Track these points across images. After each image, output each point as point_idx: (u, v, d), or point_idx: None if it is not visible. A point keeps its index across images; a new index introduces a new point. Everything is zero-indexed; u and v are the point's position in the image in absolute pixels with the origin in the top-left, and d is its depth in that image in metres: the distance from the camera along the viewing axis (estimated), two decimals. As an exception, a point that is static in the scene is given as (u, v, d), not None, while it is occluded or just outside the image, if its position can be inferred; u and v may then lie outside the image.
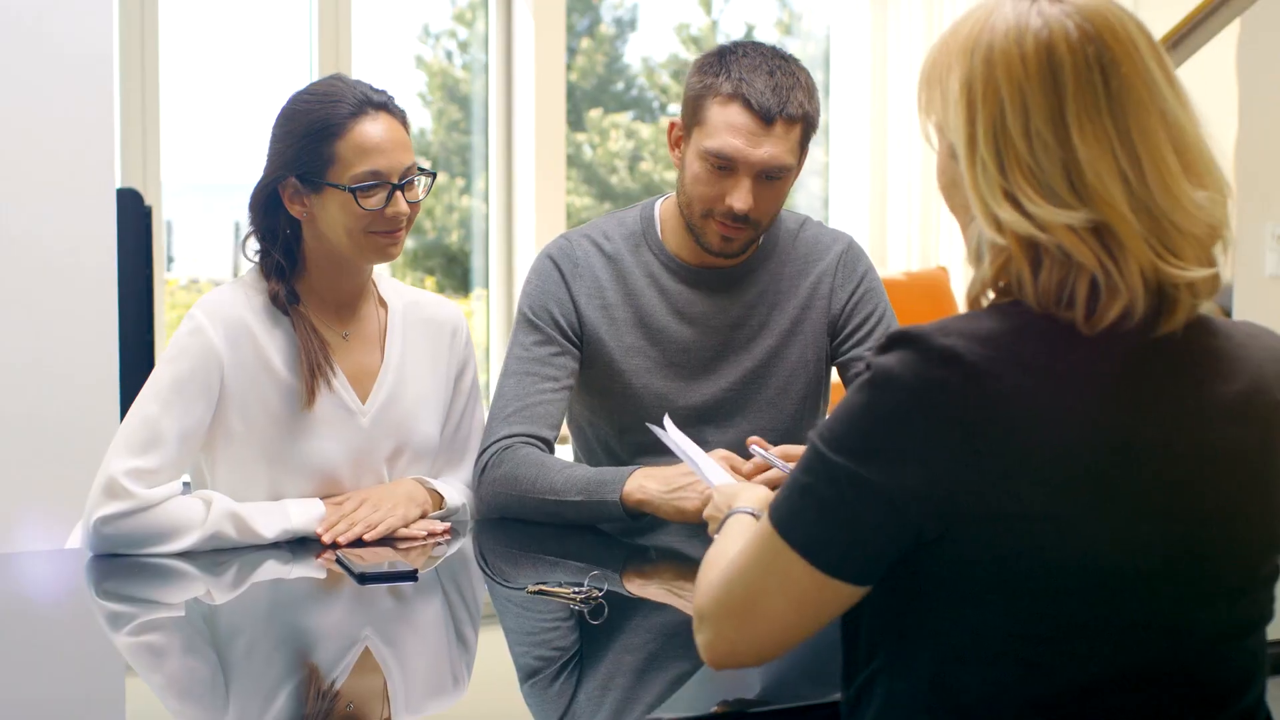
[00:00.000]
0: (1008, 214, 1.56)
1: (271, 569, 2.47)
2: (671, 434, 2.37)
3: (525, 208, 8.02)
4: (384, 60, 7.16)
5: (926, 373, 1.53)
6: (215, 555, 2.51)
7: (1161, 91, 1.58)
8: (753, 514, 1.89)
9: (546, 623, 2.19)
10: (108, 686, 2.00)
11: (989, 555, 1.54)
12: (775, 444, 2.82)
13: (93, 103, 3.56)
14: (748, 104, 2.69)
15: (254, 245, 2.65)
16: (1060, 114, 1.55)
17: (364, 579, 2.34)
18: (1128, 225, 1.54)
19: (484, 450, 2.75)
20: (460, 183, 8.69)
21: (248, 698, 1.89)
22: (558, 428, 2.82)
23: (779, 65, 2.73)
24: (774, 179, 2.73)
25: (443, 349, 2.79)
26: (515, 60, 7.59)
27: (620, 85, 8.82)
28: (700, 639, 1.69)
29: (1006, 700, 1.57)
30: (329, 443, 2.63)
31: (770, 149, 2.70)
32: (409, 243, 8.56)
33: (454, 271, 8.75)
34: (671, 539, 2.63)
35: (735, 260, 2.85)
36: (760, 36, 9.58)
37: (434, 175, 2.65)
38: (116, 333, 3.54)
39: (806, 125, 2.73)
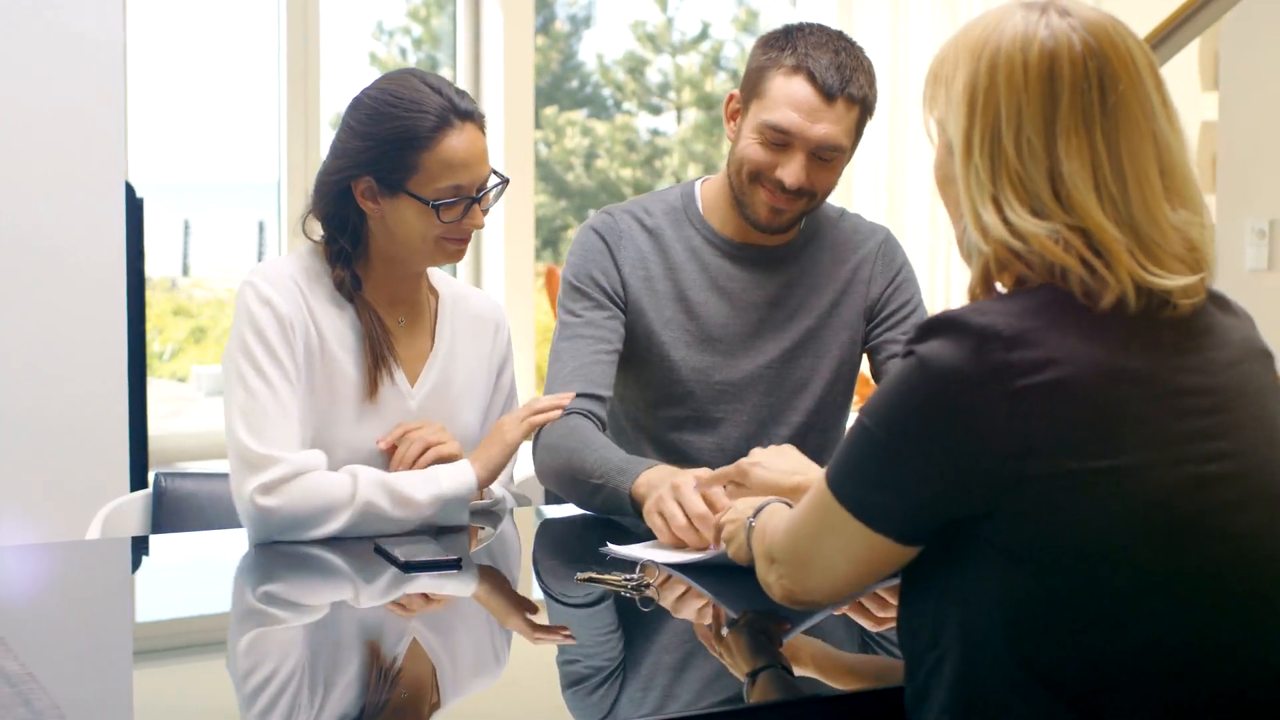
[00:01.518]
0: (992, 219, 1.63)
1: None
2: (623, 552, 2.39)
3: (494, 208, 7.98)
4: (341, 57, 7.10)
5: (971, 351, 1.58)
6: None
7: (1155, 112, 1.65)
8: (786, 504, 1.99)
9: (597, 611, 2.17)
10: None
11: (1055, 516, 1.57)
12: (798, 425, 2.83)
13: (103, 96, 3.51)
14: (811, 78, 2.70)
15: (316, 228, 2.63)
16: (1051, 125, 1.62)
17: (408, 567, 2.32)
18: (1109, 234, 1.61)
19: None
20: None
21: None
22: (610, 388, 2.82)
23: (844, 46, 2.75)
24: (826, 159, 2.73)
25: (486, 343, 2.78)
26: (484, 59, 7.55)
27: (575, 82, 8.81)
28: (769, 578, 1.82)
29: (1086, 660, 1.58)
30: (374, 421, 2.60)
31: (828, 127, 2.71)
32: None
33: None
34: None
35: (779, 239, 2.86)
36: (717, 34, 9.66)
37: (506, 181, 2.65)
38: (125, 328, 3.49)
39: (864, 110, 2.75)
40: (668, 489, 2.40)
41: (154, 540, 2.79)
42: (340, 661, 1.99)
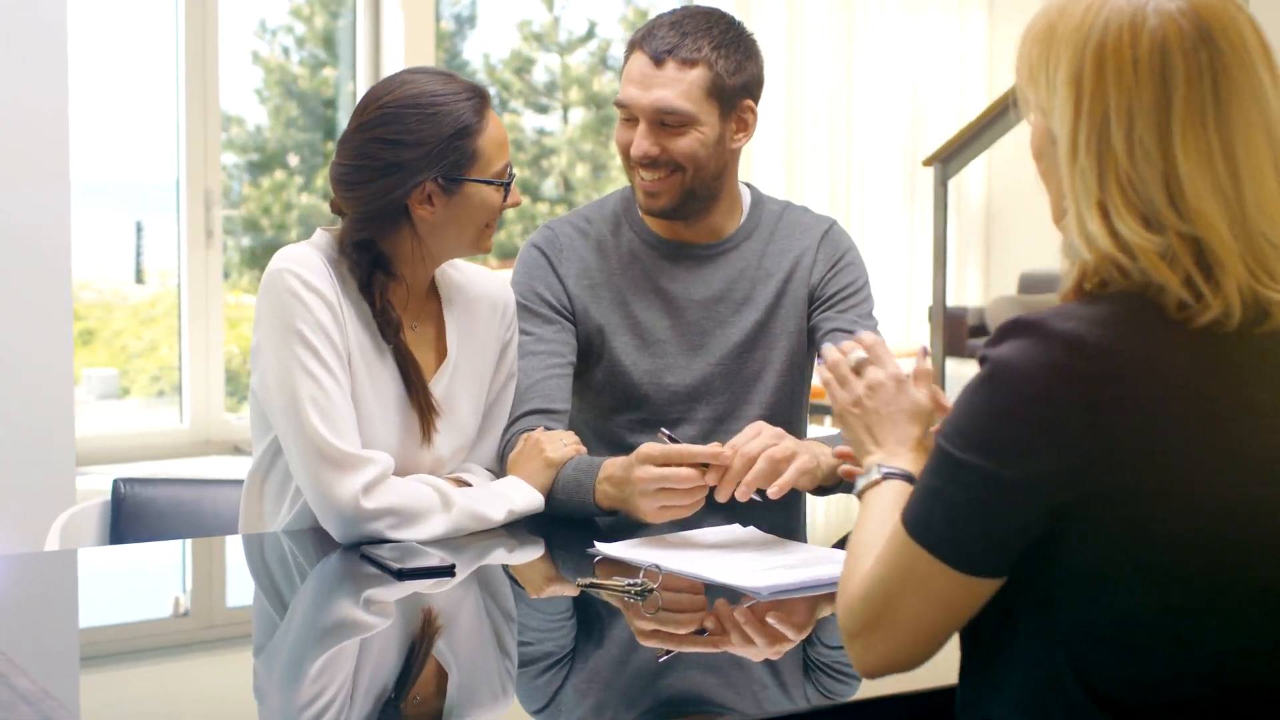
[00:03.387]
0: (1097, 228, 1.55)
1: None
2: (612, 550, 2.39)
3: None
4: (226, 57, 7.02)
5: (1051, 359, 1.53)
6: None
7: (1268, 102, 1.56)
8: (905, 477, 1.81)
9: (600, 618, 2.15)
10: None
11: (1127, 532, 1.54)
12: (755, 419, 2.82)
13: (47, 96, 3.43)
14: (643, 48, 2.74)
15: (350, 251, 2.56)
16: (1166, 123, 1.53)
17: (402, 575, 2.28)
18: (1225, 244, 1.53)
19: (504, 431, 2.75)
20: (299, 180, 8.57)
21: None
22: (567, 400, 2.81)
23: (695, 18, 2.76)
24: (671, 125, 2.74)
25: (492, 327, 2.73)
26: (384, 58, 7.49)
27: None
28: (851, 654, 1.69)
29: (1149, 677, 1.57)
30: (381, 425, 2.55)
31: (660, 91, 2.72)
32: (245, 241, 8.36)
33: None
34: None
35: (712, 236, 2.87)
36: (604, 33, 9.65)
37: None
38: (71, 329, 3.42)
39: (713, 76, 2.73)
40: (635, 481, 2.43)
41: (137, 549, 2.73)
42: (347, 671, 1.98)
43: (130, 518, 2.84)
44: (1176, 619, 1.55)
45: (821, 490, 2.63)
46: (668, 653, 2.00)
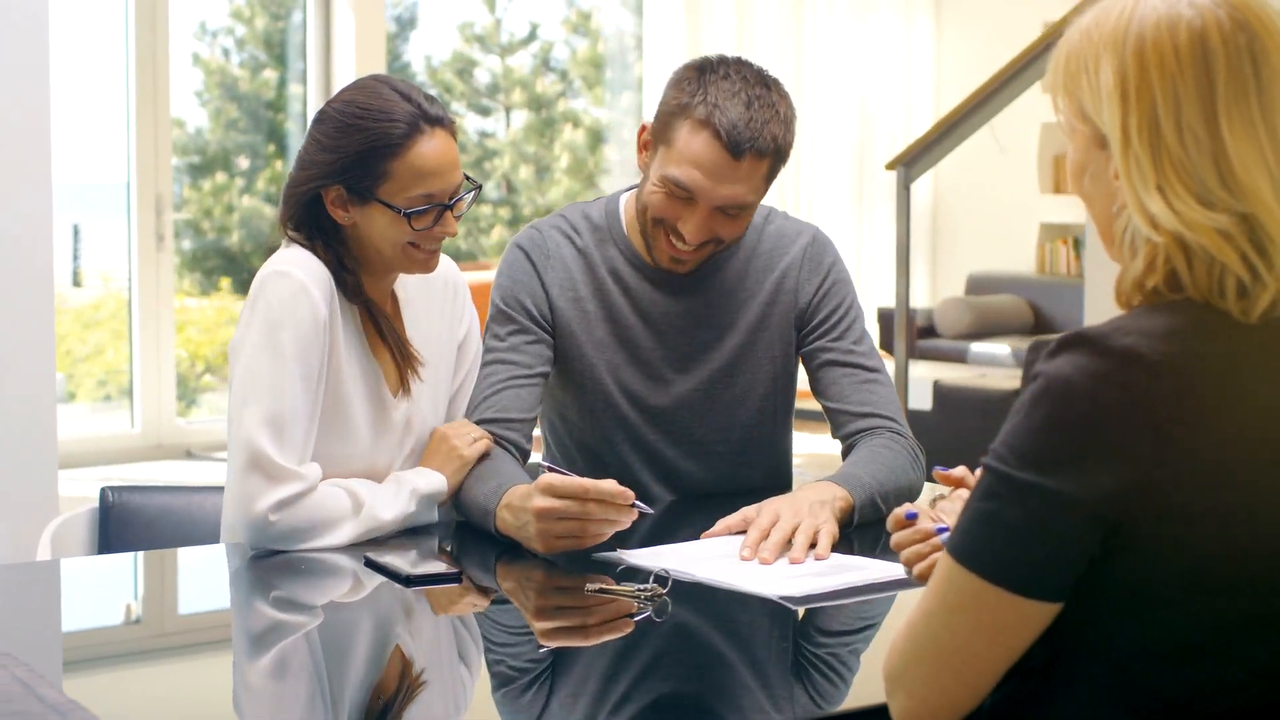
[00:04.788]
0: (1159, 208, 1.56)
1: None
2: (638, 556, 2.36)
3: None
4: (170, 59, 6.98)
5: (1109, 375, 1.52)
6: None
7: None
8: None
9: (611, 623, 2.15)
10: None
11: (1180, 552, 1.53)
12: (737, 442, 2.81)
13: (29, 96, 3.40)
14: (718, 135, 2.60)
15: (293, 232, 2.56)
16: (1211, 106, 1.55)
17: (410, 581, 2.27)
18: (1275, 220, 1.55)
19: None
20: (240, 183, 8.53)
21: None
22: (532, 411, 2.74)
23: (758, 95, 2.64)
24: (732, 214, 2.68)
25: (446, 313, 2.72)
26: (334, 59, 7.46)
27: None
28: (892, 705, 1.63)
29: (1195, 693, 1.58)
30: (362, 429, 2.55)
31: (733, 188, 2.62)
32: (185, 244, 8.30)
33: (236, 272, 8.59)
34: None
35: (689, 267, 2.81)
36: (546, 35, 9.65)
37: (480, 187, 2.59)
38: (54, 334, 3.39)
39: (777, 158, 2.67)
40: (533, 510, 2.35)
41: (138, 558, 2.71)
42: (366, 678, 1.98)
43: (119, 525, 2.82)
44: (1224, 635, 1.55)
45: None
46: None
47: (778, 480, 2.88)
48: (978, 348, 8.30)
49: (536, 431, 2.83)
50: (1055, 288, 8.90)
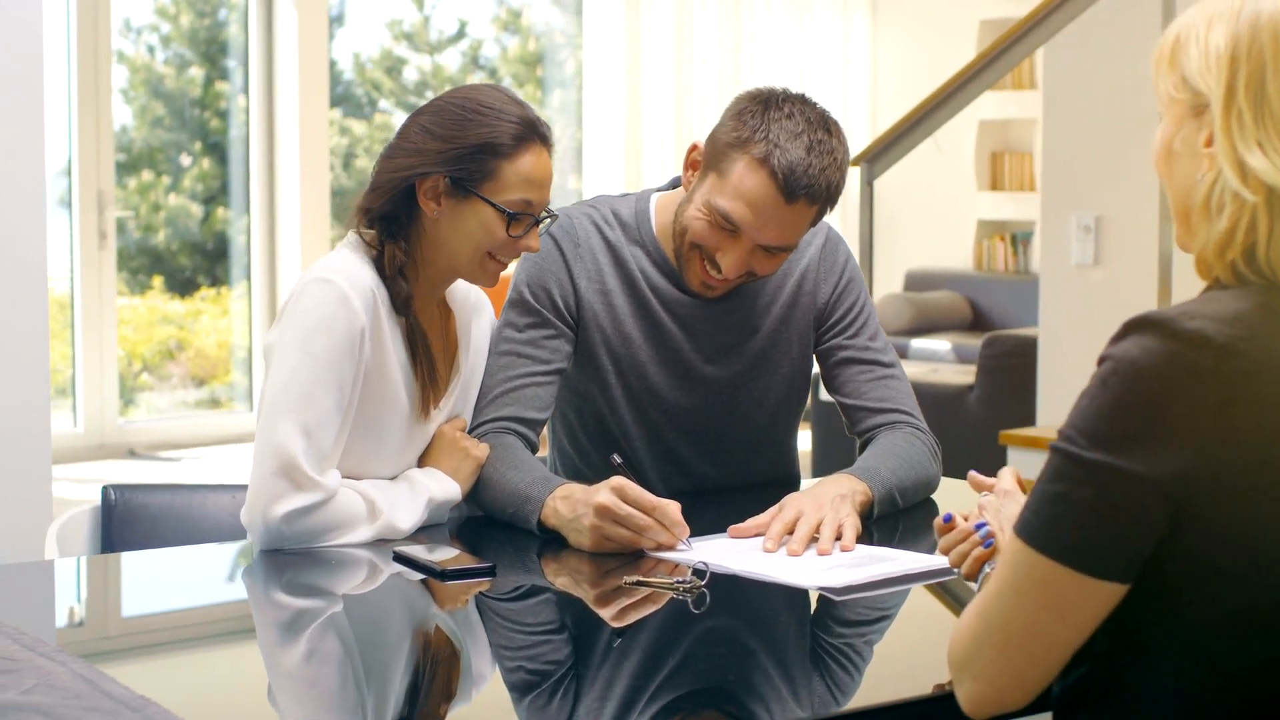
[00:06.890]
0: (1259, 161, 1.60)
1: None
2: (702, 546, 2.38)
3: (290, 200, 7.83)
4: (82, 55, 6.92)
5: (1178, 356, 1.56)
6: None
7: None
8: None
9: (651, 614, 2.16)
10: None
11: (1244, 530, 1.57)
12: (751, 440, 2.82)
13: (21, 96, 3.36)
14: (774, 176, 2.57)
15: (367, 230, 2.54)
16: None
17: (445, 575, 2.27)
18: None
19: (470, 432, 2.68)
20: (166, 181, 8.45)
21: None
22: (547, 410, 2.73)
23: (819, 141, 2.61)
24: (773, 254, 2.68)
25: (483, 333, 2.73)
26: (277, 50, 7.41)
27: (330, 81, 8.66)
28: (960, 691, 1.65)
29: (1265, 669, 1.60)
30: (394, 438, 2.54)
31: (780, 230, 2.61)
32: (115, 243, 8.21)
33: (166, 270, 8.52)
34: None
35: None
36: (476, 33, 9.62)
37: (556, 216, 2.60)
38: (47, 333, 3.34)
39: (827, 203, 2.66)
40: (597, 505, 2.37)
41: (151, 555, 2.69)
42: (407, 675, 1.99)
43: (122, 524, 2.80)
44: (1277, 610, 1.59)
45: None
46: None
47: (784, 476, 2.90)
48: (918, 344, 8.37)
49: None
50: (993, 284, 9.00)
